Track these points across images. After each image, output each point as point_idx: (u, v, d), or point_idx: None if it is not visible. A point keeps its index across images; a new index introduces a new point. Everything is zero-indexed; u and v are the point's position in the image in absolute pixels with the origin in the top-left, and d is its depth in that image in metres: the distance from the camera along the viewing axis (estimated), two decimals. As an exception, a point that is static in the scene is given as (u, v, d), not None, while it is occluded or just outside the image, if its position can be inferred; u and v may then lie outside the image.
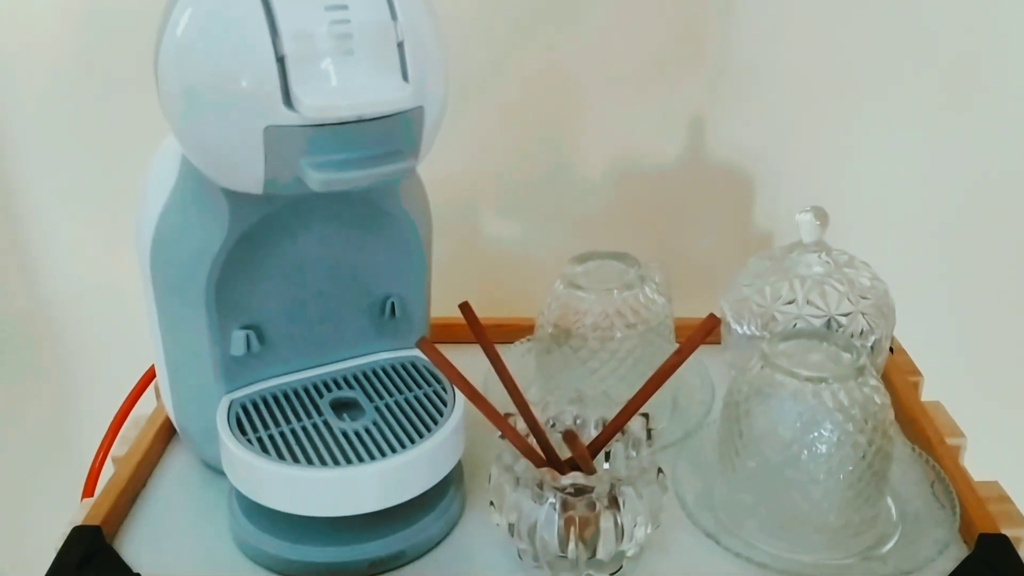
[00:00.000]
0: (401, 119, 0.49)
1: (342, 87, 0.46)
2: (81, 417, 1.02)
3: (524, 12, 0.85)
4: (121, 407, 0.74)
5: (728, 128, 0.89)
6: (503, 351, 0.58)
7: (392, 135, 0.49)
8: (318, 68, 0.46)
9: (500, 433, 0.54)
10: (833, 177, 0.90)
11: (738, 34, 0.85)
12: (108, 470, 0.67)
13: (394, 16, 0.48)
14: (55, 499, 0.96)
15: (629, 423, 0.55)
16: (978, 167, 0.90)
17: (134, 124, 0.87)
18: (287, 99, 0.46)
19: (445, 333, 0.69)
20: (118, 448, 0.68)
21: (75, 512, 0.60)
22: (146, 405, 0.73)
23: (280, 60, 0.45)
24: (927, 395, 0.72)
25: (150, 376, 0.75)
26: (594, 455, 0.55)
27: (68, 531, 0.56)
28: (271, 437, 0.55)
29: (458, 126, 0.86)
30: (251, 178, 0.49)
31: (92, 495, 0.72)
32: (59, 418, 1.03)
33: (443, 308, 0.68)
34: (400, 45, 0.48)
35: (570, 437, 0.51)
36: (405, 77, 0.48)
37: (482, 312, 0.59)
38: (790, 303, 0.65)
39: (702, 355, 0.69)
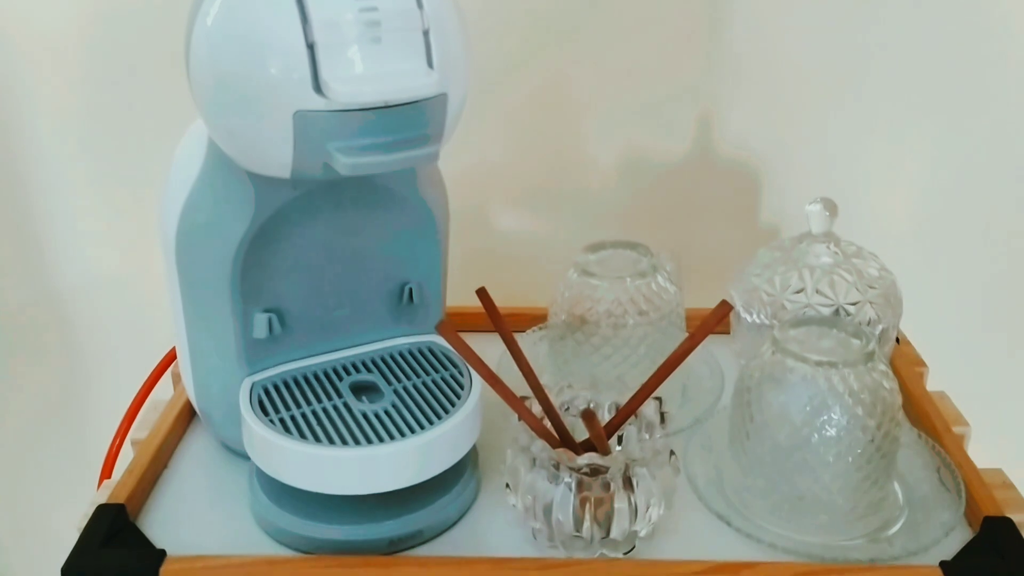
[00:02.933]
0: (426, 105, 0.50)
1: (370, 73, 0.48)
2: (90, 403, 1.03)
3: (539, 12, 0.86)
4: (139, 392, 0.75)
5: (736, 121, 0.90)
6: (516, 339, 0.60)
7: (417, 121, 0.50)
8: (346, 55, 0.47)
9: (516, 416, 0.55)
10: (841, 169, 0.91)
11: (745, 28, 0.86)
12: (125, 455, 0.68)
13: (420, 5, 0.49)
14: (66, 483, 0.98)
15: (642, 407, 0.57)
16: (985, 159, 0.91)
17: (149, 113, 0.89)
18: (317, 85, 0.47)
19: (460, 321, 0.70)
20: (137, 431, 0.69)
21: (92, 494, 0.62)
22: (162, 391, 0.74)
23: (310, 47, 0.47)
24: (932, 386, 0.73)
25: (167, 362, 0.76)
26: (609, 438, 0.57)
27: (90, 511, 0.57)
28: (292, 418, 0.57)
29: (475, 122, 0.87)
30: (280, 163, 0.50)
31: (110, 478, 0.73)
32: (68, 404, 1.04)
33: (458, 297, 0.69)
34: (426, 33, 0.49)
35: (588, 416, 0.52)
36: (430, 64, 0.50)
37: (496, 301, 0.60)
38: (799, 292, 0.66)
39: (712, 344, 0.71)
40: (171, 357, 0.75)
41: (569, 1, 0.86)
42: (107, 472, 0.74)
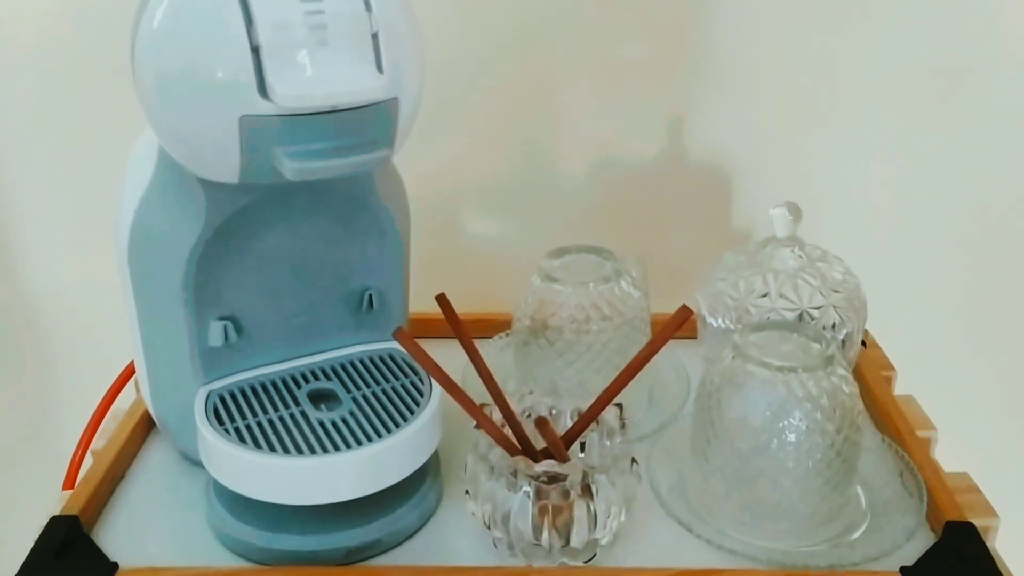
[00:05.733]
0: (375, 109, 0.49)
1: (317, 77, 0.47)
2: (59, 412, 1.02)
3: (509, 15, 0.86)
4: (102, 401, 0.74)
5: (706, 127, 0.90)
6: (481, 346, 0.59)
7: (366, 125, 0.49)
8: (293, 58, 0.47)
9: (476, 423, 0.55)
10: (810, 174, 0.91)
11: (716, 34, 0.86)
12: (88, 464, 0.67)
13: (368, 7, 0.49)
14: (33, 493, 0.96)
15: (603, 413, 0.56)
16: (952, 165, 0.91)
17: (112, 121, 0.87)
18: (262, 89, 0.46)
19: (423, 328, 0.70)
20: (98, 442, 0.68)
21: (53, 504, 0.61)
22: (126, 400, 0.73)
23: (255, 50, 0.46)
24: (901, 389, 0.73)
25: (131, 371, 0.75)
26: (569, 445, 0.56)
27: (45, 522, 0.57)
28: (248, 427, 0.56)
29: (440, 125, 0.87)
30: (227, 168, 0.49)
31: (73, 487, 0.72)
32: (37, 413, 1.03)
33: (423, 303, 0.68)
34: (375, 36, 0.49)
35: (541, 423, 0.51)
36: (380, 68, 0.49)
37: (462, 307, 0.59)
38: (764, 296, 0.66)
39: (677, 349, 0.71)
40: (134, 366, 0.74)
41: (541, 4, 0.85)
42: (70, 483, 0.73)
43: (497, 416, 0.56)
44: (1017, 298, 0.96)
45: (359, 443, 0.54)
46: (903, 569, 0.52)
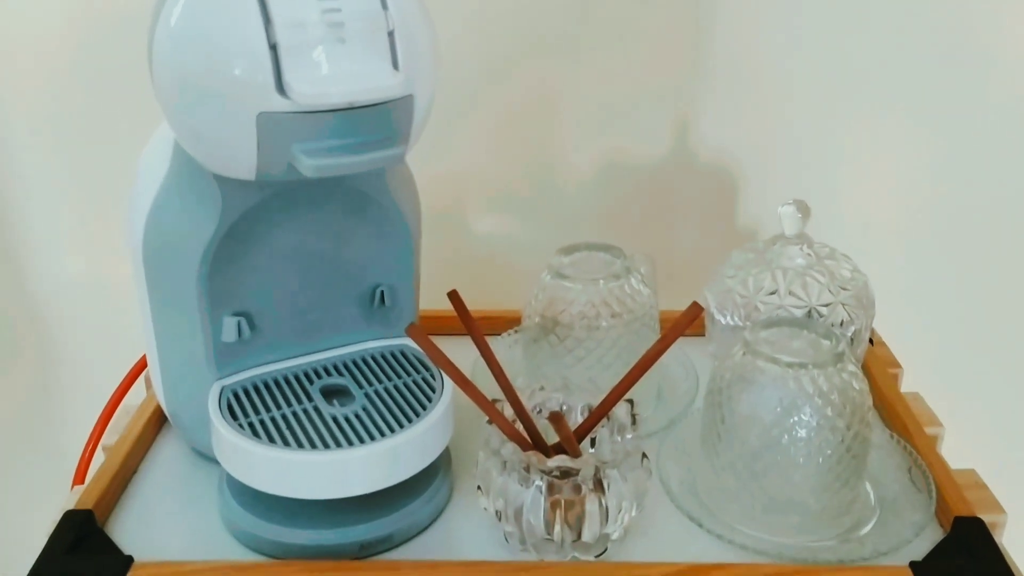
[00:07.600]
0: (392, 107, 0.50)
1: (334, 75, 0.47)
2: (66, 409, 1.03)
3: (518, 18, 0.86)
4: (112, 397, 0.74)
5: (714, 125, 0.90)
6: (491, 342, 0.59)
7: (382, 122, 0.50)
8: (310, 56, 0.47)
9: (488, 418, 0.55)
10: (817, 172, 0.91)
11: (723, 34, 0.86)
12: (99, 460, 0.67)
13: (384, 5, 0.49)
14: (40, 490, 0.97)
15: (614, 409, 0.56)
16: (961, 161, 0.91)
17: (120, 119, 0.88)
18: (280, 86, 0.47)
19: (434, 325, 0.70)
20: (108, 437, 0.68)
21: (64, 499, 0.61)
22: (135, 396, 0.73)
23: (273, 48, 0.46)
24: (908, 387, 0.73)
25: (140, 367, 0.75)
26: (580, 440, 0.56)
27: (59, 517, 0.57)
28: (262, 422, 0.56)
29: (453, 124, 0.87)
30: (244, 164, 0.50)
31: (83, 483, 0.72)
32: (43, 410, 1.03)
33: (433, 301, 0.69)
34: (391, 34, 0.49)
35: (556, 418, 0.52)
36: (395, 65, 0.49)
37: (471, 305, 0.59)
38: (772, 294, 0.66)
39: (686, 346, 0.71)
40: (145, 361, 0.75)
41: (549, 7, 0.86)
42: (80, 478, 0.73)
43: (508, 412, 0.57)
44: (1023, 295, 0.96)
45: (372, 438, 0.55)
46: (913, 564, 0.52)
